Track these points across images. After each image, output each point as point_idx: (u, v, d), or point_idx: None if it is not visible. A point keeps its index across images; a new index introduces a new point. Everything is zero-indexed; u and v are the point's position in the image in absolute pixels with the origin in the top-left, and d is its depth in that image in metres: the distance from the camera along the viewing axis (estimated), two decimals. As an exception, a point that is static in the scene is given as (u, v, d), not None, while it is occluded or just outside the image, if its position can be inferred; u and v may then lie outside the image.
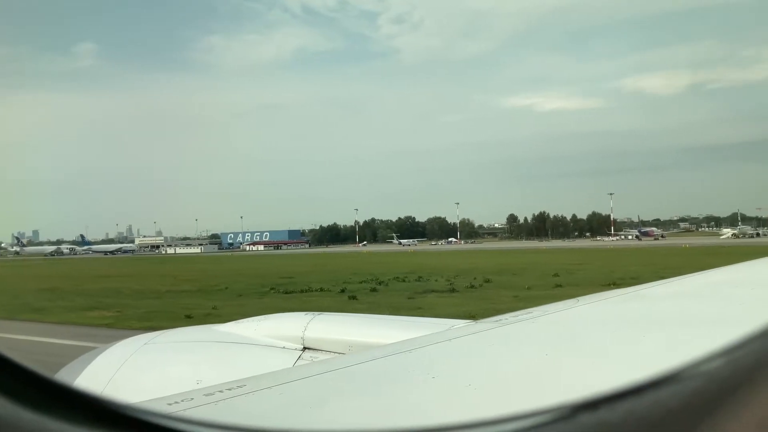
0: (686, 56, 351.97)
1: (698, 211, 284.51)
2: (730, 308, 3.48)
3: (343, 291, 36.32)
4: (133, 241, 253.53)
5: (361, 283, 41.70)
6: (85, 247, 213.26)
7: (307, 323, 3.92)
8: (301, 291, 37.57)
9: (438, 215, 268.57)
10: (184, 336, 4.29)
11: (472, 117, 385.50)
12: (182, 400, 1.66)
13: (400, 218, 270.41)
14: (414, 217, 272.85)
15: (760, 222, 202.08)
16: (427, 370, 2.07)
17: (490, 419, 0.84)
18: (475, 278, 41.88)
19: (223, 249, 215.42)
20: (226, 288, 42.09)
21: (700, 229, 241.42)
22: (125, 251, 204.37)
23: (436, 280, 42.06)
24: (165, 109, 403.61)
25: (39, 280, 58.03)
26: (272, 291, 38.60)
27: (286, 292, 37.26)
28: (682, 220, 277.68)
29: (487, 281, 39.75)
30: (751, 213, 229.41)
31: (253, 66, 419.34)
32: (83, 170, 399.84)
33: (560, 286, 34.36)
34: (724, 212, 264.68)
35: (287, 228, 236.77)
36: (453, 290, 35.00)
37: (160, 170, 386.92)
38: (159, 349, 3.95)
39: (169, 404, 1.62)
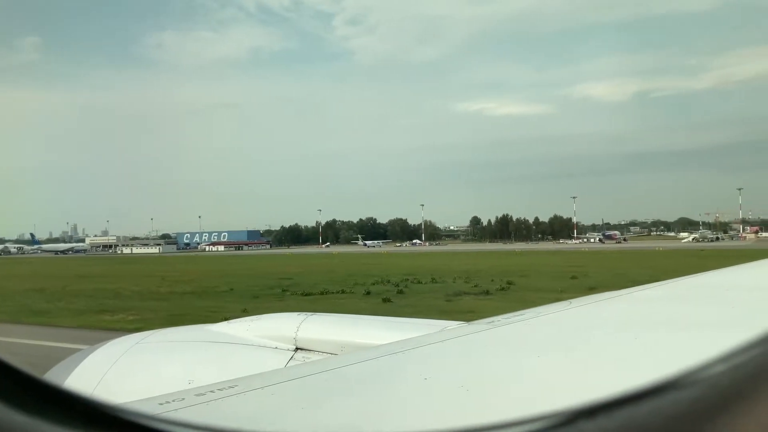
0: (633, 65, 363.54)
1: (645, 216, 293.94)
2: (728, 311, 3.37)
3: (368, 293, 34.73)
4: (82, 240, 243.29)
5: (374, 284, 40.08)
6: (35, 246, 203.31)
7: (300, 323, 3.91)
8: (321, 293, 35.68)
9: (399, 216, 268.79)
10: (176, 335, 4.27)
11: (427, 120, 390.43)
12: (173, 401, 1.66)
13: (361, 219, 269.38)
14: (375, 218, 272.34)
15: (710, 227, 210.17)
16: (419, 371, 2.07)
17: (487, 425, 0.82)
18: (492, 280, 40.90)
19: (181, 249, 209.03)
20: (231, 289, 39.82)
21: (652, 233, 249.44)
22: (77, 251, 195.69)
23: (454, 281, 40.98)
24: (115, 105, 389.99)
25: (17, 280, 53.66)
26: (286, 292, 36.61)
27: (305, 294, 35.32)
28: (632, 224, 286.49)
29: (510, 283, 38.76)
30: (695, 217, 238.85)
31: (208, 64, 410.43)
32: (24, 167, 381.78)
33: (593, 288, 33.61)
34: (670, 217, 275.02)
35: (245, 228, 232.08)
36: (486, 292, 33.83)
37: (108, 168, 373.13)
38: (151, 349, 3.92)
39: (161, 404, 1.62)
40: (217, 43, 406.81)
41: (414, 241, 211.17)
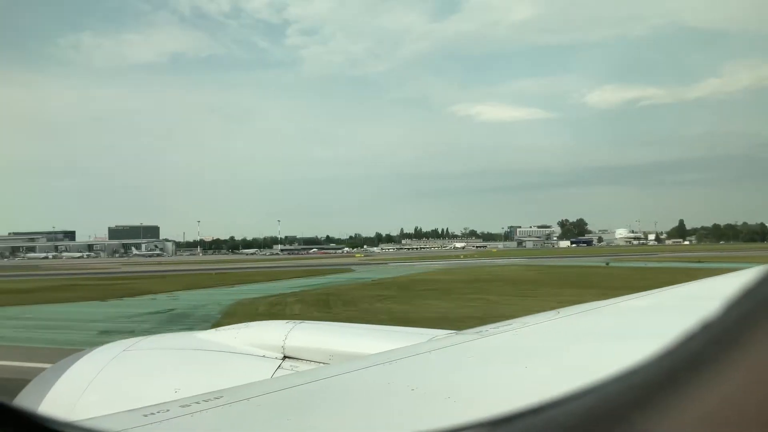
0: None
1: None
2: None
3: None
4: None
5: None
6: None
7: (288, 332, 3.89)
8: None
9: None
10: (165, 343, 4.23)
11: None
12: (158, 412, 1.65)
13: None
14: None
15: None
16: (407, 382, 2.07)
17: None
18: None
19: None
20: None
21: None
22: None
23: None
24: (11, 107, 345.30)
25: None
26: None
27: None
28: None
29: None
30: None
31: (126, 68, 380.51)
32: None
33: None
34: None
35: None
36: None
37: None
38: (138, 356, 3.88)
39: (145, 416, 1.62)
40: (140, 46, 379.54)
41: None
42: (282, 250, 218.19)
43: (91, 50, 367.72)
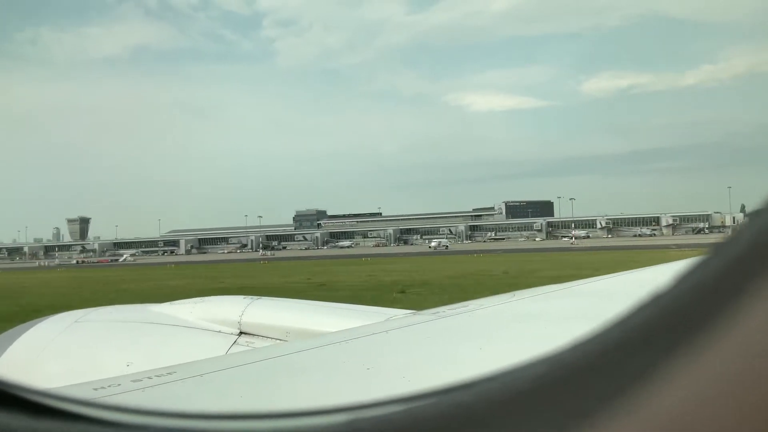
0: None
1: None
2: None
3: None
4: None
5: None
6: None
7: (245, 307, 3.88)
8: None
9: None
10: (117, 315, 4.15)
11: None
12: (109, 386, 1.61)
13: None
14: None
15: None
16: (362, 361, 2.10)
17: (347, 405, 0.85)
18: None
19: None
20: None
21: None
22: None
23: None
24: None
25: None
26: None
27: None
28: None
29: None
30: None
31: (86, 62, 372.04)
32: None
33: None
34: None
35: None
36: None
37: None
38: (89, 328, 3.78)
39: (95, 389, 1.57)
40: (102, 39, 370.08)
41: None
42: None
43: (50, 44, 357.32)
